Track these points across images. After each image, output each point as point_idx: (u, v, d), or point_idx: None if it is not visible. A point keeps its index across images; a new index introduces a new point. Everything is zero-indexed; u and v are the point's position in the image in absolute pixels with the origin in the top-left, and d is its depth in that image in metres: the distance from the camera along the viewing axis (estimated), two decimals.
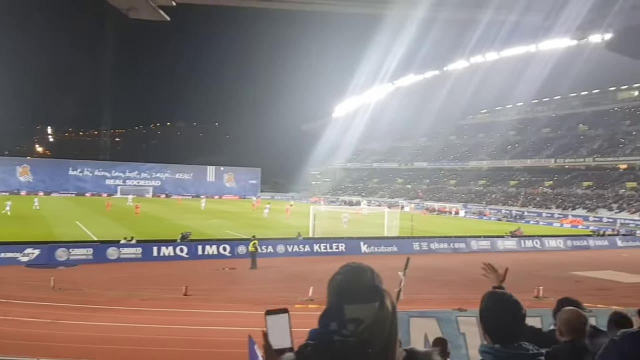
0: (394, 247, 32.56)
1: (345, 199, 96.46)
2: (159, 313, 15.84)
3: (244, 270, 24.50)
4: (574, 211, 68.70)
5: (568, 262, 30.48)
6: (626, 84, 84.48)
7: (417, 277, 19.99)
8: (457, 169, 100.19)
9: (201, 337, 13.38)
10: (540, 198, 78.08)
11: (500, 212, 71.04)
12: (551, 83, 77.37)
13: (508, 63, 75.02)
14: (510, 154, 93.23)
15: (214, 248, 28.50)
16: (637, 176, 72.80)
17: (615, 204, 67.65)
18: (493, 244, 36.39)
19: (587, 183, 76.70)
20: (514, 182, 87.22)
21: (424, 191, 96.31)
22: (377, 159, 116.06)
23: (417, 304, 11.82)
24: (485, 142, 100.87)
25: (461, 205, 77.92)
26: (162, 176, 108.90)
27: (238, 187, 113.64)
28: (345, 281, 1.68)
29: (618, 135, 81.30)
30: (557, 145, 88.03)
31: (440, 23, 47.23)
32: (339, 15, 53.95)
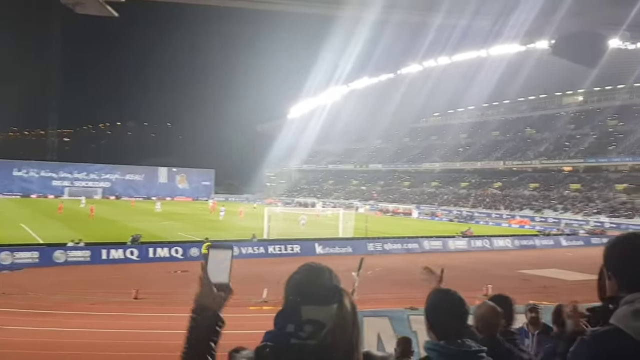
0: (349, 248, 32.76)
1: (301, 200, 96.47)
2: (108, 317, 15.43)
3: (197, 272, 24.00)
4: (521, 212, 70.94)
5: (516, 261, 31.40)
6: (571, 90, 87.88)
7: (371, 277, 20.20)
8: (411, 171, 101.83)
9: (152, 341, 13.10)
10: (490, 199, 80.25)
11: (452, 213, 72.56)
12: (501, 87, 79.71)
13: (460, 67, 76.78)
14: (462, 156, 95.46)
15: (166, 250, 27.94)
16: (580, 178, 75.82)
17: (560, 205, 70.25)
18: (444, 244, 37.11)
19: (534, 185, 79.34)
20: (464, 184, 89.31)
21: (379, 192, 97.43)
22: (333, 160, 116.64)
23: (370, 304, 11.92)
24: (437, 144, 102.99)
25: (414, 206, 79.16)
26: (111, 177, 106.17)
27: (191, 189, 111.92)
28: (303, 281, 1.67)
29: (563, 138, 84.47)
30: (505, 148, 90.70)
31: (393, 26, 47.97)
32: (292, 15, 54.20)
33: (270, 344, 1.58)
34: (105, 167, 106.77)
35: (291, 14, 21.65)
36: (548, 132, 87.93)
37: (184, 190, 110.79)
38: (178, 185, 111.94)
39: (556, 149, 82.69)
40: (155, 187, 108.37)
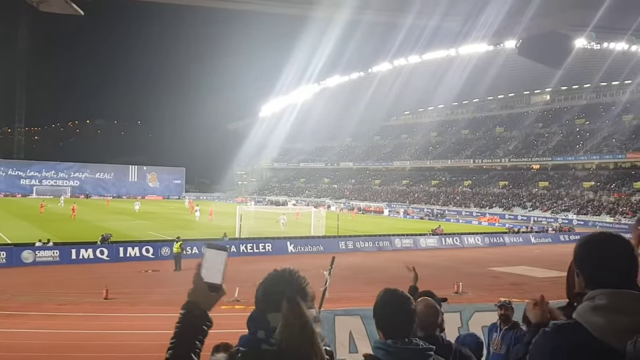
0: (321, 246, 32.83)
1: (272, 198, 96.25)
2: (78, 318, 15.17)
3: (168, 272, 23.88)
4: (491, 209, 72.10)
5: (486, 259, 31.91)
6: (539, 89, 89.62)
7: (343, 275, 20.27)
8: (382, 169, 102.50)
9: (122, 341, 12.93)
10: (460, 197, 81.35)
11: (423, 211, 73.30)
12: (470, 86, 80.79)
13: (430, 66, 77.51)
14: (432, 154, 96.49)
15: (137, 250, 27.61)
16: (548, 176, 77.43)
17: (529, 203, 71.63)
18: (415, 242, 37.46)
19: (503, 183, 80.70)
20: (435, 182, 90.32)
21: (350, 191, 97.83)
22: (304, 159, 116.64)
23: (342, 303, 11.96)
24: (408, 143, 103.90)
25: (385, 204, 79.71)
26: (81, 176, 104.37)
27: (162, 187, 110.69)
28: (269, 288, 1.73)
29: (531, 137, 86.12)
30: (475, 146, 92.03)
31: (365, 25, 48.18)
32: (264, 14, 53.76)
33: (242, 349, 1.65)
34: (74, 165, 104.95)
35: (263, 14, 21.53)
36: (517, 131, 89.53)
37: (154, 189, 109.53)
38: (149, 183, 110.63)
39: (525, 147, 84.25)
40: (126, 185, 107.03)
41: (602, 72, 70.30)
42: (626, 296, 1.73)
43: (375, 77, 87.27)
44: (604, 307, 1.72)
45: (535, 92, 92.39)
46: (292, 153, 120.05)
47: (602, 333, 1.68)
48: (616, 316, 1.69)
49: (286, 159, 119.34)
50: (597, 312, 1.72)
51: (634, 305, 1.71)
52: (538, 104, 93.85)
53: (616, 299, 1.73)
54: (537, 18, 3.36)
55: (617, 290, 1.75)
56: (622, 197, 64.03)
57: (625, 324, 1.66)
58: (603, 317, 1.71)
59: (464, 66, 73.01)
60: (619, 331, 1.66)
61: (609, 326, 1.69)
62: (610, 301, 1.73)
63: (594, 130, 78.09)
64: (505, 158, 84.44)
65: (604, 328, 1.69)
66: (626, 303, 1.71)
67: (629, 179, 67.44)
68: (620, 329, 1.66)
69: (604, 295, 1.75)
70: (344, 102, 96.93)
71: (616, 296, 1.73)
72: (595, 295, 1.77)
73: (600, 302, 1.74)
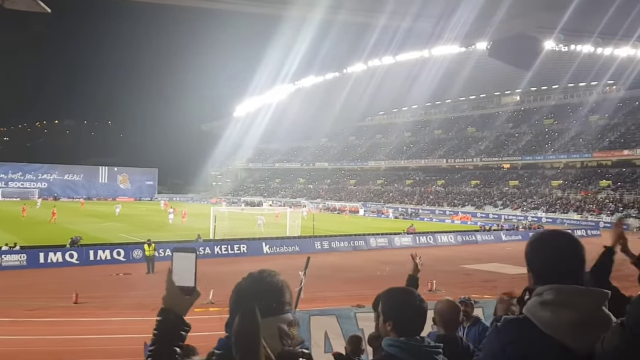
0: (296, 246, 32.79)
1: (247, 199, 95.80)
2: (47, 324, 14.85)
3: (140, 275, 23.57)
4: (463, 208, 73.05)
5: (458, 256, 32.31)
6: (509, 90, 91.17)
7: (319, 275, 20.27)
8: (357, 169, 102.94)
9: (93, 346, 12.72)
10: (434, 196, 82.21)
11: (397, 210, 73.84)
12: (443, 87, 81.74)
13: (404, 67, 78.13)
14: (406, 154, 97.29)
15: (107, 253, 27.12)
16: (519, 175, 78.80)
17: (500, 201, 72.78)
18: (390, 241, 37.70)
19: (475, 182, 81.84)
20: (409, 181, 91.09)
21: (325, 191, 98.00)
22: (279, 159, 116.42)
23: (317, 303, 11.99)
24: (383, 143, 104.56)
25: (361, 204, 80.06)
26: (49, 177, 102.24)
27: (133, 189, 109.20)
28: (243, 294, 1.75)
29: (502, 137, 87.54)
30: (448, 146, 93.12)
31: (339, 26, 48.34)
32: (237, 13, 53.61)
33: (217, 352, 1.68)
34: (42, 166, 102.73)
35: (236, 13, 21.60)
36: (488, 131, 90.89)
37: (126, 191, 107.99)
38: (120, 185, 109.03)
39: (496, 147, 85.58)
40: (96, 187, 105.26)
41: (570, 74, 71.84)
42: (572, 291, 1.80)
43: (350, 78, 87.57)
44: (551, 302, 1.79)
45: (505, 93, 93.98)
46: (267, 153, 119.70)
47: (549, 327, 1.75)
48: (562, 311, 1.76)
49: (261, 159, 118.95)
50: (545, 307, 1.79)
51: (579, 300, 1.77)
52: (508, 105, 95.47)
53: (562, 295, 1.80)
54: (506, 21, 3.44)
55: (564, 286, 1.81)
56: (588, 195, 65.54)
57: (571, 318, 1.73)
58: (550, 312, 1.77)
59: (437, 67, 73.78)
60: (565, 325, 1.73)
61: (555, 320, 1.75)
62: (556, 296, 1.79)
63: (562, 130, 79.75)
64: (477, 157, 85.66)
65: (551, 322, 1.76)
66: (572, 298, 1.78)
67: (595, 178, 69.08)
68: (567, 323, 1.73)
69: (551, 290, 1.81)
70: (319, 103, 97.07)
71: (562, 292, 1.80)
72: (543, 291, 1.84)
73: (547, 297, 1.81)
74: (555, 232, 2.02)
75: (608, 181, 66.49)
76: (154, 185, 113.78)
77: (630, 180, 64.76)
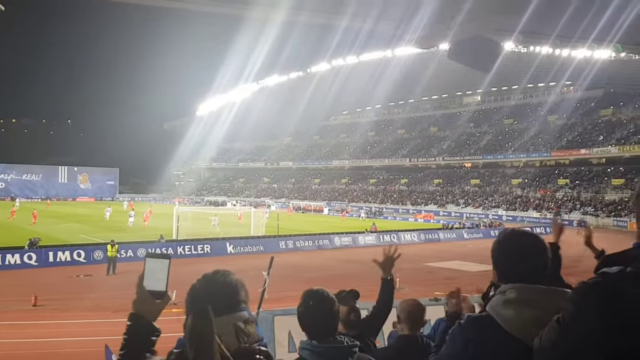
0: (260, 246, 32.66)
1: (211, 199, 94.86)
2: (5, 327, 14.44)
3: (101, 276, 23.09)
4: (426, 206, 74.02)
5: (421, 254, 32.69)
6: (470, 90, 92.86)
7: (283, 275, 20.25)
8: (321, 168, 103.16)
9: (53, 349, 12.42)
10: (397, 195, 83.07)
11: (362, 209, 74.28)
12: (406, 87, 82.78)
13: (367, 67, 78.81)
14: (370, 153, 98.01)
15: (67, 254, 26.46)
16: (480, 174, 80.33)
17: (462, 200, 74.07)
18: (354, 239, 37.93)
19: (438, 180, 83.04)
20: (373, 180, 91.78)
21: (290, 190, 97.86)
22: (243, 158, 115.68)
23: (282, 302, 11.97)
24: (347, 142, 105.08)
25: (325, 203, 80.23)
26: (6, 177, 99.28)
27: (94, 189, 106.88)
28: (198, 295, 1.76)
29: (464, 136, 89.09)
30: (411, 145, 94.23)
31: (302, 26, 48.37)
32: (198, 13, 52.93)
33: (176, 351, 1.69)
34: None
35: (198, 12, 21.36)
36: (450, 131, 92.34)
37: (86, 191, 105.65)
38: (80, 185, 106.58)
39: (457, 146, 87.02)
40: (55, 187, 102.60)
41: (530, 75, 73.69)
42: (534, 290, 1.84)
43: (314, 77, 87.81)
44: (513, 300, 1.83)
45: (467, 93, 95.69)
46: (231, 152, 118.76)
47: (511, 325, 1.79)
48: (524, 309, 1.80)
49: (225, 159, 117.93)
50: (508, 306, 1.83)
51: (540, 299, 1.81)
52: (470, 105, 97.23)
53: (524, 293, 1.84)
54: (464, 23, 3.51)
55: (526, 285, 1.86)
56: (547, 193, 67.34)
57: (532, 316, 1.76)
58: (512, 310, 1.81)
59: (400, 67, 74.66)
60: (526, 323, 1.76)
61: (517, 319, 1.79)
62: (519, 295, 1.83)
63: (521, 130, 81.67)
64: (439, 157, 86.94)
65: (513, 321, 1.79)
66: (534, 297, 1.82)
67: (553, 176, 71.00)
68: (528, 321, 1.76)
69: (513, 289, 1.86)
70: (284, 102, 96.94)
71: (525, 290, 1.84)
72: (506, 289, 1.88)
73: (510, 296, 1.85)
74: (520, 231, 2.06)
75: (566, 180, 68.43)
76: (115, 185, 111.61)
77: (587, 179, 66.81)
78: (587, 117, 76.03)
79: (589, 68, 66.79)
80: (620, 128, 68.32)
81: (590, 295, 1.36)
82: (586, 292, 1.38)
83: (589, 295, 1.36)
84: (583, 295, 1.38)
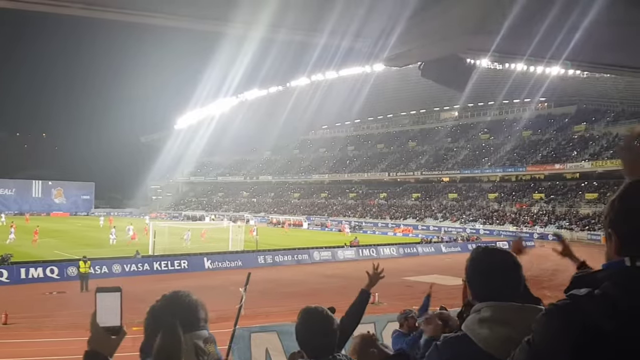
0: (239, 261, 32.43)
1: (189, 213, 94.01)
2: None
3: (74, 293, 22.65)
4: (405, 221, 74.39)
5: (400, 269, 32.76)
6: (448, 106, 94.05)
7: (261, 290, 20.10)
8: (301, 183, 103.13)
9: None
10: (376, 209, 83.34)
11: (341, 223, 74.27)
12: (385, 102, 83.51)
13: (346, 82, 79.30)
14: (349, 168, 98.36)
15: (40, 271, 25.95)
16: (457, 188, 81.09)
17: (440, 214, 74.62)
18: (334, 254, 37.88)
19: (416, 195, 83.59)
20: (352, 195, 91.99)
21: (269, 204, 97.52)
22: (222, 172, 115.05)
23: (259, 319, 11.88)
24: (326, 156, 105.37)
25: (305, 217, 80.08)
26: None
27: (69, 203, 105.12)
28: (157, 316, 1.77)
29: (442, 151, 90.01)
30: (390, 160, 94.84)
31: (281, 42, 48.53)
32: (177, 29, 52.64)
33: None
34: None
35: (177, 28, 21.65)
36: (428, 145, 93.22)
37: (61, 205, 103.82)
38: (54, 199, 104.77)
39: (435, 160, 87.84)
40: (29, 202, 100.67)
41: (505, 91, 74.92)
42: (508, 308, 1.86)
43: (293, 92, 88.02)
44: (488, 319, 1.84)
45: (444, 108, 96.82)
46: (209, 167, 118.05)
47: (486, 344, 1.80)
48: (499, 327, 1.81)
49: (204, 173, 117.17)
50: (483, 325, 1.84)
51: (514, 317, 1.82)
52: (447, 120, 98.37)
53: (499, 312, 1.85)
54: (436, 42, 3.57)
55: (500, 303, 1.87)
56: (523, 207, 68.24)
57: (507, 334, 1.77)
58: (487, 329, 1.82)
59: (379, 83, 75.30)
60: (501, 342, 1.76)
61: (492, 337, 1.80)
62: (493, 314, 1.85)
63: (497, 145, 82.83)
64: (417, 171, 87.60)
65: (488, 339, 1.80)
66: (508, 315, 1.84)
67: (529, 190, 72.03)
68: (503, 339, 1.76)
69: (488, 308, 1.87)
70: (263, 116, 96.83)
71: (499, 309, 1.86)
72: (481, 308, 1.89)
73: (485, 314, 1.86)
74: (492, 250, 2.07)
75: (541, 194, 69.46)
76: (91, 199, 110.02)
77: (562, 193, 67.90)
78: (560, 132, 77.49)
79: (562, 85, 68.20)
80: (592, 143, 69.73)
81: (557, 318, 1.37)
82: (554, 314, 1.38)
83: (556, 318, 1.37)
84: (551, 318, 1.39)
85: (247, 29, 3.92)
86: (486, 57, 4.33)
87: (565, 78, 66.05)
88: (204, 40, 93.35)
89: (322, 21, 3.74)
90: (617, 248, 1.41)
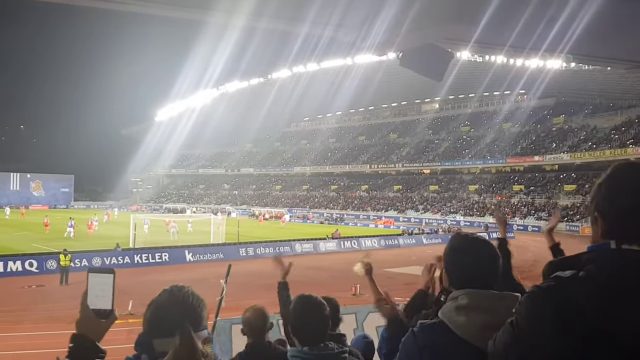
0: (220, 254, 32.33)
1: (170, 206, 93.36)
2: None
3: (54, 286, 22.40)
4: (386, 212, 74.77)
5: (382, 260, 32.85)
6: (429, 98, 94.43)
7: (242, 283, 20.06)
8: (283, 175, 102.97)
9: None
10: (358, 201, 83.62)
11: (323, 215, 74.42)
12: (366, 94, 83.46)
13: (328, 73, 79.14)
14: (331, 160, 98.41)
15: (19, 264, 25.61)
16: (438, 180, 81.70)
17: (421, 205, 75.15)
18: (315, 246, 37.96)
19: (397, 187, 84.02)
20: (334, 187, 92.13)
21: (251, 197, 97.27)
22: (203, 164, 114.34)
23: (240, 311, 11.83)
24: (308, 149, 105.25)
25: (286, 209, 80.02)
26: None
27: (48, 196, 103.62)
28: (159, 312, 1.67)
29: (423, 143, 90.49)
30: (371, 152, 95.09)
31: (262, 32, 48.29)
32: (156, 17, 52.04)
33: None
34: None
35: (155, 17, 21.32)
36: (409, 137, 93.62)
37: (39, 198, 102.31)
38: (33, 192, 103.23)
39: (417, 153, 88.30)
40: (7, 195, 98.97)
41: (485, 83, 75.47)
42: (485, 296, 1.88)
43: (275, 83, 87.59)
44: (465, 306, 1.86)
45: (425, 100, 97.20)
46: (190, 159, 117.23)
47: (463, 331, 1.82)
48: (476, 315, 1.83)
49: (184, 165, 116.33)
50: (460, 312, 1.85)
51: (491, 304, 1.85)
52: (428, 112, 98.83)
53: (476, 299, 1.87)
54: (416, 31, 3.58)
55: (477, 291, 1.89)
56: (503, 198, 69.03)
57: (483, 321, 1.79)
58: (464, 316, 1.84)
59: (360, 74, 75.24)
60: (478, 329, 1.79)
61: (469, 324, 1.82)
62: (470, 301, 1.87)
63: (478, 137, 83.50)
64: (399, 163, 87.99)
65: (465, 326, 1.82)
66: (485, 302, 1.86)
67: (508, 182, 72.85)
68: (479, 326, 1.79)
69: (465, 295, 1.89)
70: (244, 108, 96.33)
71: (476, 296, 1.88)
72: (458, 295, 1.91)
73: (462, 302, 1.88)
74: (470, 238, 2.08)
75: (520, 185, 70.28)
76: (70, 192, 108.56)
77: (541, 185, 68.79)
78: (540, 125, 78.38)
79: (542, 77, 68.89)
80: (571, 136, 70.70)
81: (542, 300, 1.37)
82: (539, 296, 1.39)
83: (541, 300, 1.38)
84: (535, 299, 1.39)
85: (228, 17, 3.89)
86: (467, 47, 4.34)
87: (544, 70, 66.70)
88: (184, 30, 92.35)
89: (304, 9, 3.72)
90: (603, 231, 1.42)
